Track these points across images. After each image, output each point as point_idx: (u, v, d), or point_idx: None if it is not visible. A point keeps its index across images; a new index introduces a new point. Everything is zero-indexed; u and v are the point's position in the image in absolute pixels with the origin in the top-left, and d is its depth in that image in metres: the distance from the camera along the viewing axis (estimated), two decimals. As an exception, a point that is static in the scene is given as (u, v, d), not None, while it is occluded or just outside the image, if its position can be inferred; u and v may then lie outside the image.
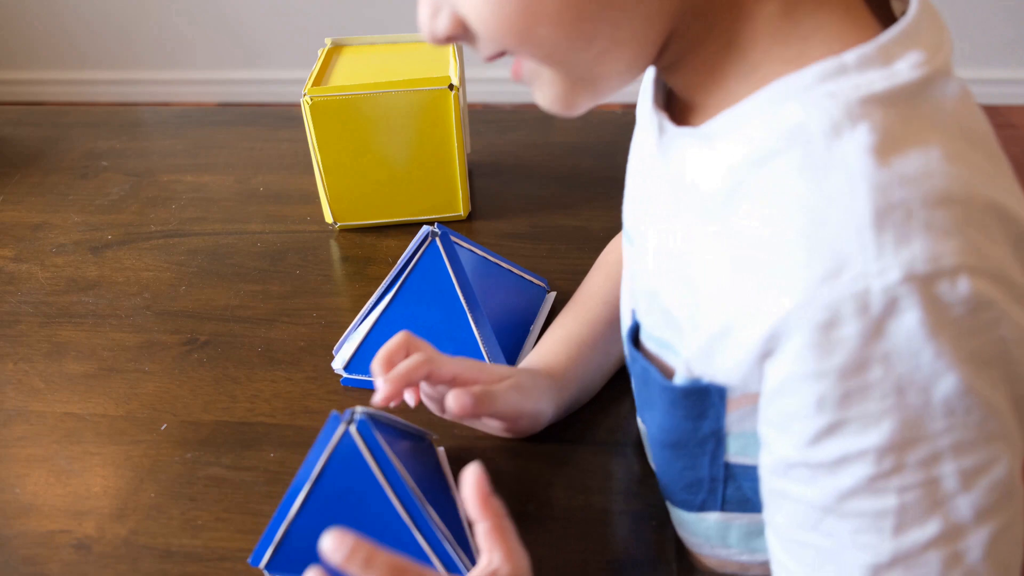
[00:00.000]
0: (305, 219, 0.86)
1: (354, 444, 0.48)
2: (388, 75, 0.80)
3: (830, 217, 0.33)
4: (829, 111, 0.35)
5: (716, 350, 0.40)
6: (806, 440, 0.36)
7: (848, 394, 0.34)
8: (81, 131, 1.05)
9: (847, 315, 0.33)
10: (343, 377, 0.67)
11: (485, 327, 0.64)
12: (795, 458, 0.37)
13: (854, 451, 0.35)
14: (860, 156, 0.33)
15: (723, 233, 0.39)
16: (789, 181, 0.35)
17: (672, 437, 0.47)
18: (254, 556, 0.51)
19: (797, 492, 0.38)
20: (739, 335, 0.38)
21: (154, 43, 2.62)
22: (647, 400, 0.48)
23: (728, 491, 0.47)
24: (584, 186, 0.89)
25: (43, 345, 0.71)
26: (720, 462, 0.46)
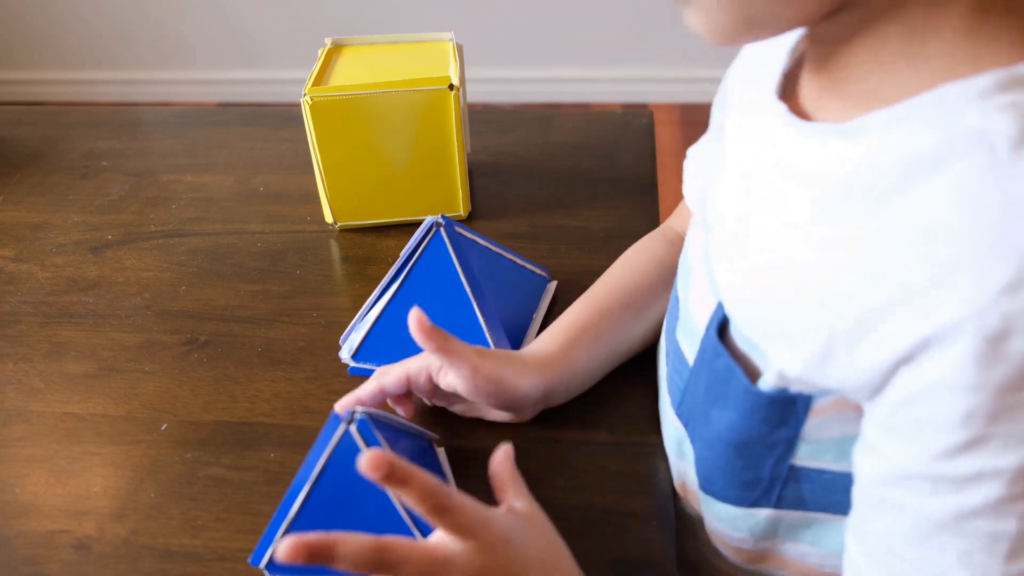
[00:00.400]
0: (305, 219, 0.86)
1: (354, 443, 0.48)
2: (388, 75, 0.80)
3: (1016, 227, 0.32)
4: (1015, 120, 0.34)
5: (839, 348, 0.39)
6: (939, 452, 0.35)
7: (1001, 411, 0.33)
8: (81, 131, 1.05)
9: (1019, 330, 0.32)
10: (351, 366, 0.67)
11: (490, 315, 0.65)
12: (919, 470, 0.36)
13: (989, 470, 0.34)
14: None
15: (872, 229, 0.37)
16: (971, 186, 0.34)
17: (742, 438, 0.46)
18: (254, 556, 0.51)
19: (910, 503, 0.37)
20: (882, 334, 0.36)
21: (154, 43, 2.62)
22: (720, 396, 0.47)
23: (786, 491, 0.47)
24: (584, 186, 0.89)
25: (43, 345, 0.71)
26: (785, 464, 0.45)
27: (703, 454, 0.51)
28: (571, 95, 2.57)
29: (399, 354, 0.66)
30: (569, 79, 2.55)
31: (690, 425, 0.53)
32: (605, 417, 0.62)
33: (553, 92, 2.56)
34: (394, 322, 0.66)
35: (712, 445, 0.49)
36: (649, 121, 1.01)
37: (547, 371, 0.59)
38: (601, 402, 0.63)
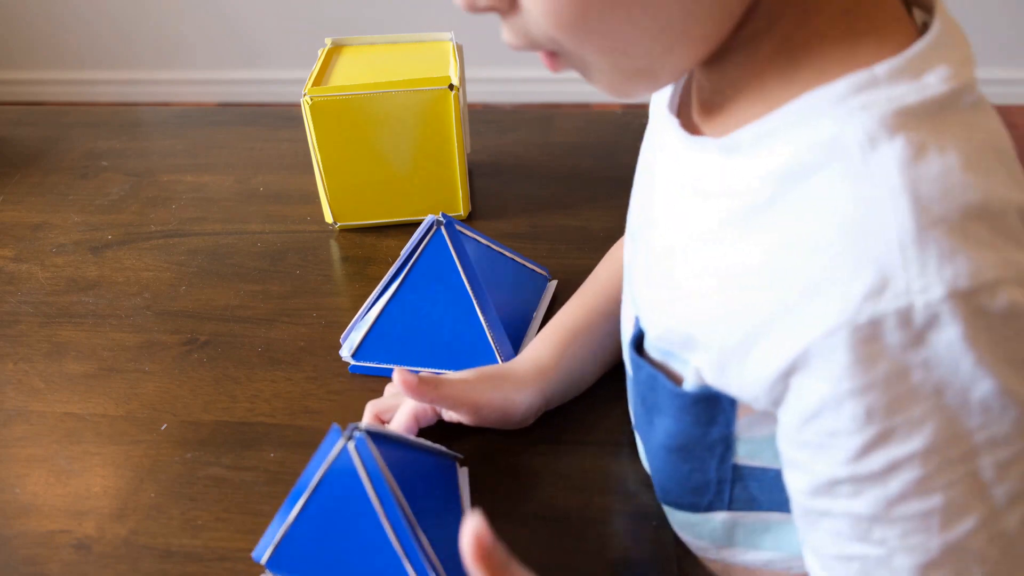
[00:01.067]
0: (305, 219, 0.86)
1: (350, 460, 0.48)
2: (388, 75, 0.80)
3: (872, 233, 0.33)
4: (864, 124, 0.35)
5: (731, 363, 0.40)
6: (852, 454, 0.36)
7: (892, 402, 0.34)
8: (81, 131, 1.05)
9: (889, 328, 0.33)
10: (351, 364, 0.67)
11: (490, 314, 0.65)
12: (841, 474, 0.37)
13: (902, 456, 0.35)
14: (899, 170, 0.33)
15: (750, 246, 0.38)
16: (829, 196, 0.35)
17: (680, 441, 0.47)
18: (257, 550, 0.52)
19: (841, 507, 0.38)
20: (764, 349, 0.37)
21: (154, 43, 2.62)
22: (653, 405, 0.48)
23: (735, 491, 0.47)
24: (584, 186, 0.89)
25: (43, 345, 0.71)
26: (728, 465, 0.46)
27: (654, 464, 0.51)
28: (571, 95, 2.57)
29: (399, 353, 0.66)
30: (569, 79, 2.54)
31: (638, 429, 0.54)
32: (604, 417, 0.62)
33: (553, 92, 2.56)
34: (394, 321, 0.66)
35: (657, 453, 0.50)
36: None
37: (543, 381, 0.60)
38: (600, 402, 0.63)
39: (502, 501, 0.57)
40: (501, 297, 0.67)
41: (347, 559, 0.49)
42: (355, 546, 0.49)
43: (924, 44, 0.36)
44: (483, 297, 0.65)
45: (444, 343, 0.65)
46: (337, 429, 0.49)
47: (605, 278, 0.67)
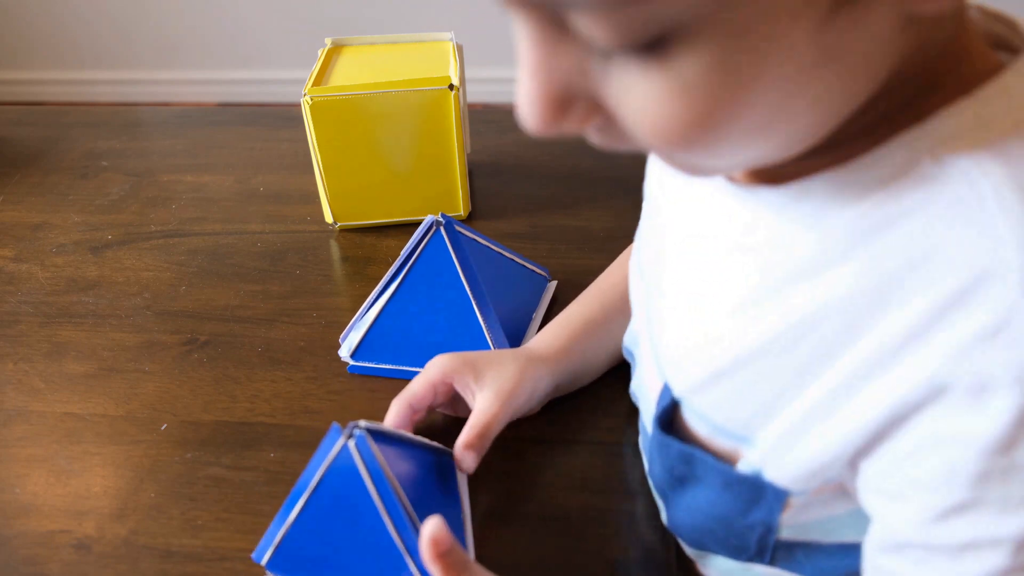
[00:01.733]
0: (305, 219, 0.86)
1: (351, 459, 0.48)
2: (388, 75, 0.80)
3: (990, 271, 0.30)
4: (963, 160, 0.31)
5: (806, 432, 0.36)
6: (931, 516, 0.32)
7: (990, 471, 0.30)
8: (81, 131, 1.05)
9: (1002, 384, 0.29)
10: (350, 364, 0.68)
11: (489, 314, 0.65)
12: (913, 538, 0.34)
13: (985, 537, 0.31)
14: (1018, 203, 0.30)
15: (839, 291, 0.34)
16: (935, 234, 0.31)
17: (719, 511, 0.43)
18: (257, 551, 0.51)
19: (905, 573, 0.35)
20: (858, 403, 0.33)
21: (154, 43, 2.62)
22: (686, 476, 0.44)
23: (778, 555, 0.44)
24: (584, 186, 0.89)
25: (43, 345, 0.71)
26: (770, 540, 0.43)
27: (685, 520, 0.48)
28: (571, 95, 2.56)
29: (398, 353, 0.66)
30: (569, 79, 2.54)
31: (659, 490, 0.50)
32: (604, 417, 0.62)
33: (553, 92, 2.56)
34: (393, 321, 0.66)
35: (691, 514, 0.46)
36: (649, 121, 1.01)
37: (554, 365, 0.60)
38: (601, 402, 0.63)
39: (502, 501, 0.57)
40: (500, 298, 0.67)
41: (349, 557, 0.49)
42: (357, 544, 0.49)
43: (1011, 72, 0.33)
44: (482, 298, 0.65)
45: (442, 343, 0.65)
46: (337, 428, 0.49)
47: (618, 276, 0.67)
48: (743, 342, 0.38)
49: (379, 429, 0.50)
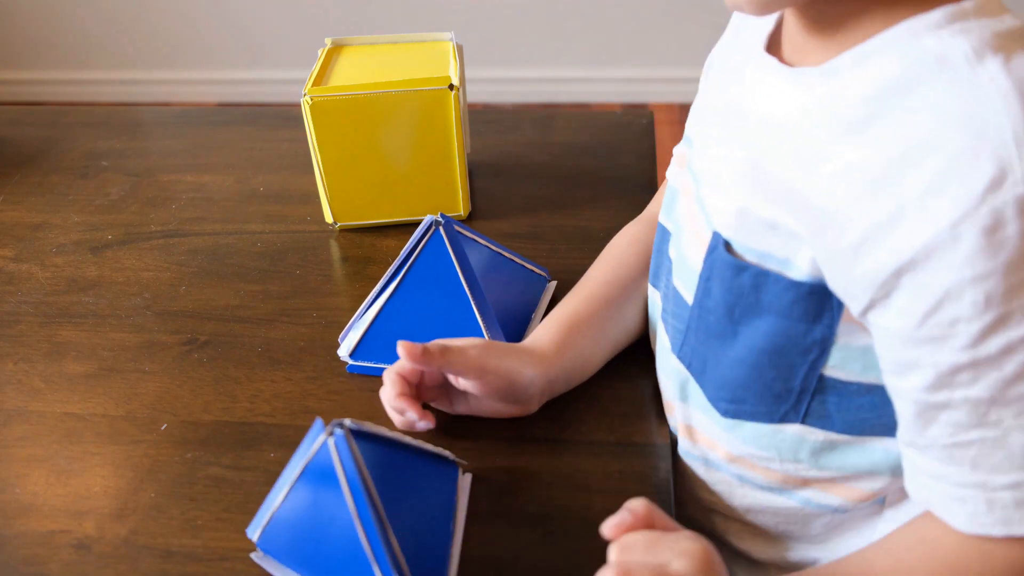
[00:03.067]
0: (305, 219, 0.86)
1: (329, 456, 0.49)
2: (388, 75, 0.80)
3: (988, 133, 0.37)
4: (968, 41, 0.40)
5: (840, 262, 0.43)
6: (972, 340, 0.39)
7: (1012, 287, 0.38)
8: (81, 131, 1.05)
9: (1010, 217, 0.37)
10: (349, 364, 0.68)
11: (488, 314, 0.65)
12: (961, 361, 0.40)
13: (1017, 339, 0.39)
14: (1006, 75, 0.38)
15: (862, 154, 0.42)
16: (940, 103, 0.39)
17: (778, 343, 0.49)
18: (250, 528, 0.53)
19: (961, 395, 0.41)
20: (880, 248, 0.41)
21: (154, 43, 2.62)
22: (751, 307, 0.50)
23: (813, 404, 0.50)
24: (584, 186, 0.89)
25: (43, 345, 0.71)
26: (816, 372, 0.49)
27: (729, 375, 0.53)
28: (571, 95, 2.57)
29: (396, 353, 0.66)
30: (569, 79, 2.54)
31: (695, 363, 0.56)
32: (605, 417, 0.62)
33: (553, 92, 2.56)
34: (392, 321, 0.66)
35: (742, 361, 0.52)
36: (649, 121, 1.01)
37: (548, 361, 0.60)
38: (601, 402, 0.63)
39: (502, 501, 0.57)
40: (499, 298, 0.67)
41: (321, 550, 0.50)
42: (329, 540, 0.50)
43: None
44: (480, 298, 0.65)
45: None
46: (320, 423, 0.50)
47: (606, 270, 0.68)
48: (800, 179, 0.46)
49: (366, 430, 0.51)
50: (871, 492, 0.54)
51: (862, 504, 0.55)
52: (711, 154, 0.55)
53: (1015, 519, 0.43)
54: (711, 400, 0.55)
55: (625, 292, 0.66)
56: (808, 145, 0.45)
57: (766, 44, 0.51)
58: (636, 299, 0.66)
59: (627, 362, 0.66)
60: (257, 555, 0.53)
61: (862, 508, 0.56)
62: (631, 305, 0.66)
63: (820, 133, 0.45)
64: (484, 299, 0.65)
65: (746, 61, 0.52)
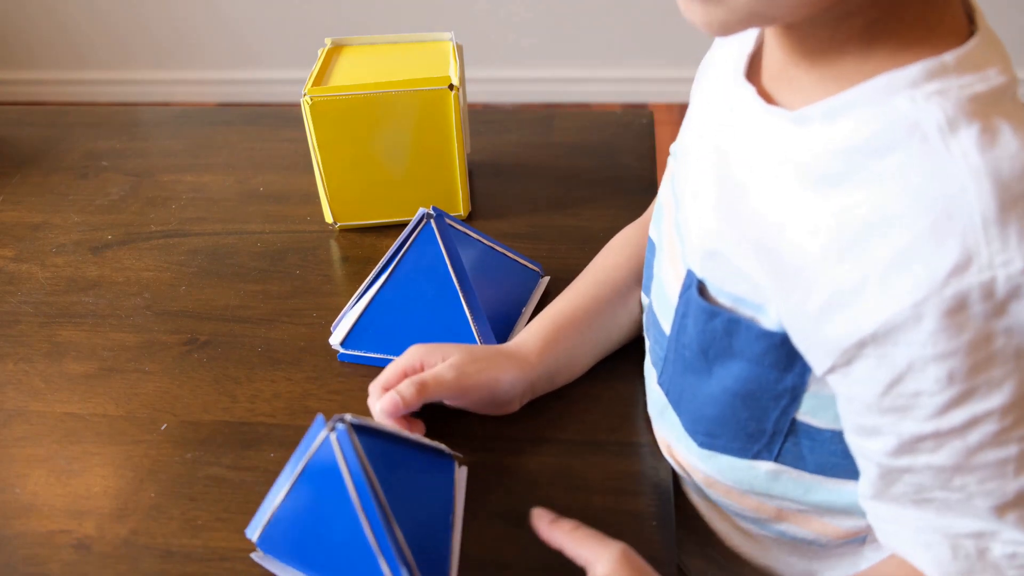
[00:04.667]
0: (305, 219, 0.86)
1: (331, 451, 0.49)
2: (388, 75, 0.80)
3: (956, 213, 0.36)
4: (943, 108, 0.37)
5: (805, 327, 0.43)
6: (935, 412, 0.39)
7: (975, 365, 0.37)
8: (81, 131, 1.05)
9: (974, 300, 0.36)
10: (340, 353, 0.68)
11: (476, 307, 0.66)
12: (924, 431, 0.40)
13: (982, 412, 0.38)
14: (979, 152, 0.36)
15: (832, 215, 0.40)
16: (910, 175, 0.38)
17: (748, 387, 0.49)
18: (249, 528, 0.53)
19: (923, 462, 0.41)
20: (844, 317, 0.40)
21: (154, 43, 2.62)
22: (724, 350, 0.49)
23: (786, 445, 0.50)
24: (584, 186, 0.89)
25: (43, 345, 0.71)
26: (788, 417, 0.48)
27: (704, 411, 0.53)
28: (571, 95, 2.57)
29: (386, 342, 0.67)
30: (569, 79, 2.54)
31: (672, 393, 0.55)
32: (605, 417, 0.62)
33: (553, 92, 2.56)
34: (382, 311, 0.67)
35: (716, 400, 0.51)
36: (649, 121, 1.01)
37: (529, 365, 0.60)
38: (601, 402, 0.63)
39: (502, 501, 0.57)
40: (490, 291, 0.68)
41: (325, 548, 0.50)
42: (332, 536, 0.49)
43: (977, 42, 0.40)
44: (469, 290, 0.65)
45: (430, 334, 0.66)
46: (321, 419, 0.50)
47: (598, 273, 0.68)
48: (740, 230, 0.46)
49: (367, 425, 0.51)
50: (848, 530, 0.54)
51: (840, 541, 0.55)
52: (690, 177, 0.54)
53: (977, 570, 0.43)
54: (688, 431, 0.55)
55: (616, 294, 0.66)
56: (778, 194, 0.44)
57: (747, 66, 0.49)
58: (628, 301, 0.66)
59: (627, 362, 0.66)
60: (257, 555, 0.53)
61: (841, 545, 0.56)
62: (622, 307, 0.66)
63: (791, 183, 0.43)
64: (472, 292, 0.65)
65: (727, 84, 0.50)
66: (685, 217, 0.53)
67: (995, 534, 0.42)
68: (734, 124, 0.49)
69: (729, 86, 0.49)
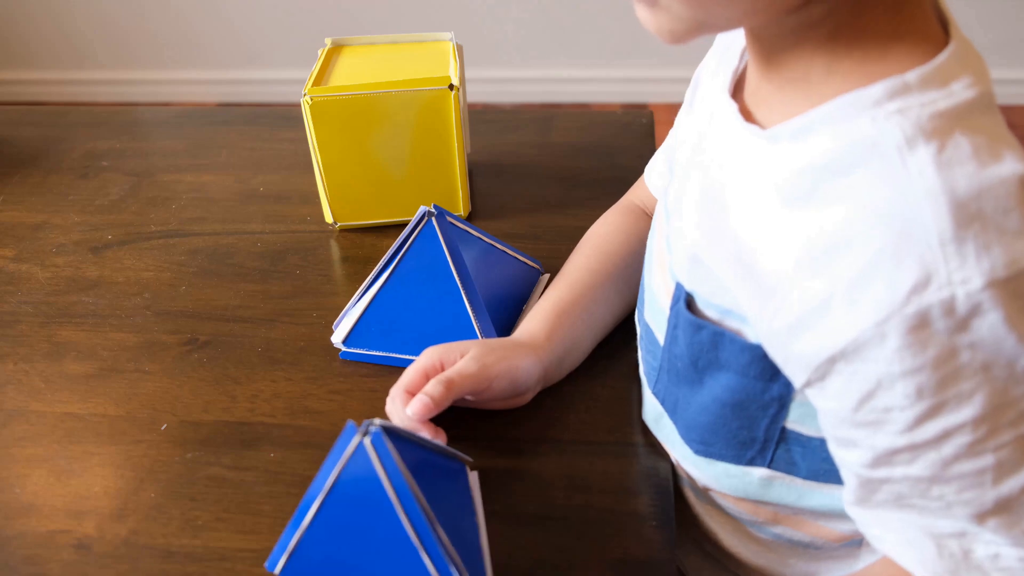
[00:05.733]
0: (305, 219, 0.86)
1: (367, 457, 0.47)
2: (388, 75, 0.80)
3: (914, 232, 0.36)
4: (901, 126, 0.38)
5: (777, 343, 0.43)
6: (907, 426, 0.39)
7: (942, 380, 0.37)
8: (81, 131, 1.05)
9: (936, 317, 0.36)
10: (341, 351, 0.68)
11: (478, 304, 0.66)
12: (899, 444, 0.40)
13: (954, 425, 0.38)
14: (936, 171, 0.36)
15: (795, 232, 0.41)
16: (869, 194, 0.38)
17: (737, 397, 0.49)
18: (270, 561, 0.50)
19: (900, 473, 0.41)
20: (812, 335, 0.40)
21: (154, 43, 2.62)
22: (712, 362, 0.50)
23: (778, 452, 0.50)
24: (584, 186, 0.89)
25: (43, 345, 0.71)
26: (778, 426, 0.49)
27: (697, 419, 0.53)
28: (571, 95, 2.57)
29: (388, 341, 0.67)
30: (569, 79, 2.54)
31: (667, 402, 0.56)
32: (604, 417, 0.62)
33: (553, 92, 2.56)
34: (384, 309, 0.67)
35: (707, 409, 0.52)
36: (649, 121, 1.01)
37: (541, 351, 0.61)
38: (601, 402, 0.63)
39: (502, 501, 0.57)
40: (491, 288, 0.68)
41: (365, 559, 0.48)
42: (373, 545, 0.48)
43: (948, 55, 0.39)
44: (471, 287, 0.66)
45: (432, 331, 0.66)
46: (352, 426, 0.48)
47: (586, 258, 0.69)
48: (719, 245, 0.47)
49: (393, 428, 0.49)
50: (843, 534, 0.54)
51: (836, 544, 0.56)
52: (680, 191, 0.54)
53: (963, 569, 0.43)
54: (683, 438, 0.55)
55: (610, 279, 0.67)
56: (755, 211, 0.44)
57: (733, 82, 0.50)
58: (619, 286, 0.68)
59: (626, 362, 0.66)
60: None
61: (837, 548, 0.56)
62: (614, 292, 0.67)
63: (769, 200, 0.43)
64: (474, 290, 0.66)
65: (716, 98, 0.51)
66: (675, 229, 0.54)
67: (976, 535, 0.42)
68: (718, 140, 0.49)
69: (717, 101, 0.50)
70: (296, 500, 0.56)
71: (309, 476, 0.58)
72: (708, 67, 0.56)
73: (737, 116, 0.46)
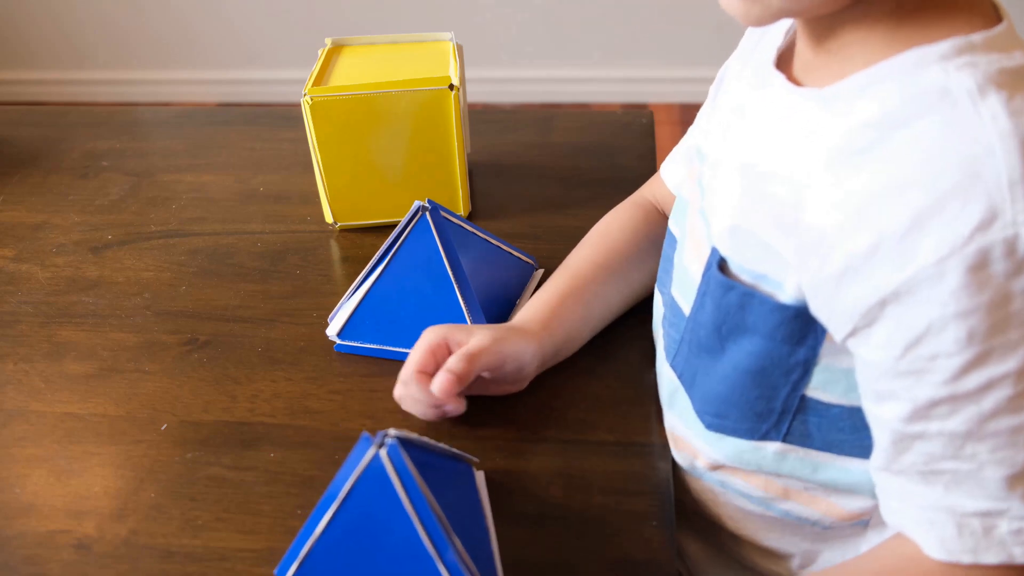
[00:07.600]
0: (305, 219, 0.86)
1: (383, 468, 0.47)
2: (388, 75, 0.80)
3: (983, 173, 0.37)
4: (973, 76, 0.39)
5: (825, 289, 0.44)
6: (951, 375, 0.40)
7: (994, 325, 0.38)
8: (81, 131, 1.05)
9: (996, 257, 0.37)
10: (336, 344, 0.69)
11: (470, 298, 0.66)
12: (940, 395, 0.41)
13: (997, 376, 0.39)
14: (1008, 116, 0.38)
15: (855, 183, 0.42)
16: (938, 138, 0.39)
17: (761, 363, 0.50)
18: (280, 568, 0.50)
19: (936, 428, 0.42)
20: (865, 277, 0.41)
21: (154, 43, 2.62)
22: (737, 326, 0.50)
23: (794, 423, 0.51)
24: (584, 186, 0.89)
25: (43, 345, 0.71)
26: (798, 393, 0.49)
27: (715, 390, 0.54)
28: (571, 95, 2.57)
29: (383, 334, 0.68)
30: (569, 79, 2.54)
31: (685, 374, 0.56)
32: (605, 417, 0.62)
33: (553, 92, 2.56)
34: (379, 303, 0.68)
35: (726, 378, 0.52)
36: (649, 121, 1.01)
37: (539, 338, 0.62)
38: (600, 402, 0.63)
39: (502, 501, 0.57)
40: (484, 283, 0.68)
41: (377, 569, 0.48)
42: (388, 555, 0.48)
43: (1004, 27, 0.42)
44: (463, 281, 0.66)
45: (426, 324, 0.66)
46: (367, 437, 0.48)
47: (591, 250, 0.70)
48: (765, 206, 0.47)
49: (406, 437, 0.49)
50: (852, 512, 0.54)
51: (844, 523, 0.55)
52: (715, 166, 0.55)
53: (982, 547, 0.43)
54: (697, 412, 0.55)
55: (609, 273, 0.68)
56: (804, 167, 0.45)
57: (776, 59, 0.51)
58: (620, 280, 0.68)
59: (628, 363, 0.66)
60: None
61: (844, 527, 0.56)
62: (615, 286, 0.68)
63: (818, 156, 0.44)
64: (467, 283, 0.66)
65: (755, 75, 0.52)
66: (711, 203, 0.54)
67: (1003, 512, 0.42)
68: (761, 109, 0.50)
69: (757, 78, 0.52)
70: (296, 500, 0.56)
71: (309, 476, 0.58)
72: (732, 69, 0.58)
73: (785, 84, 0.48)
